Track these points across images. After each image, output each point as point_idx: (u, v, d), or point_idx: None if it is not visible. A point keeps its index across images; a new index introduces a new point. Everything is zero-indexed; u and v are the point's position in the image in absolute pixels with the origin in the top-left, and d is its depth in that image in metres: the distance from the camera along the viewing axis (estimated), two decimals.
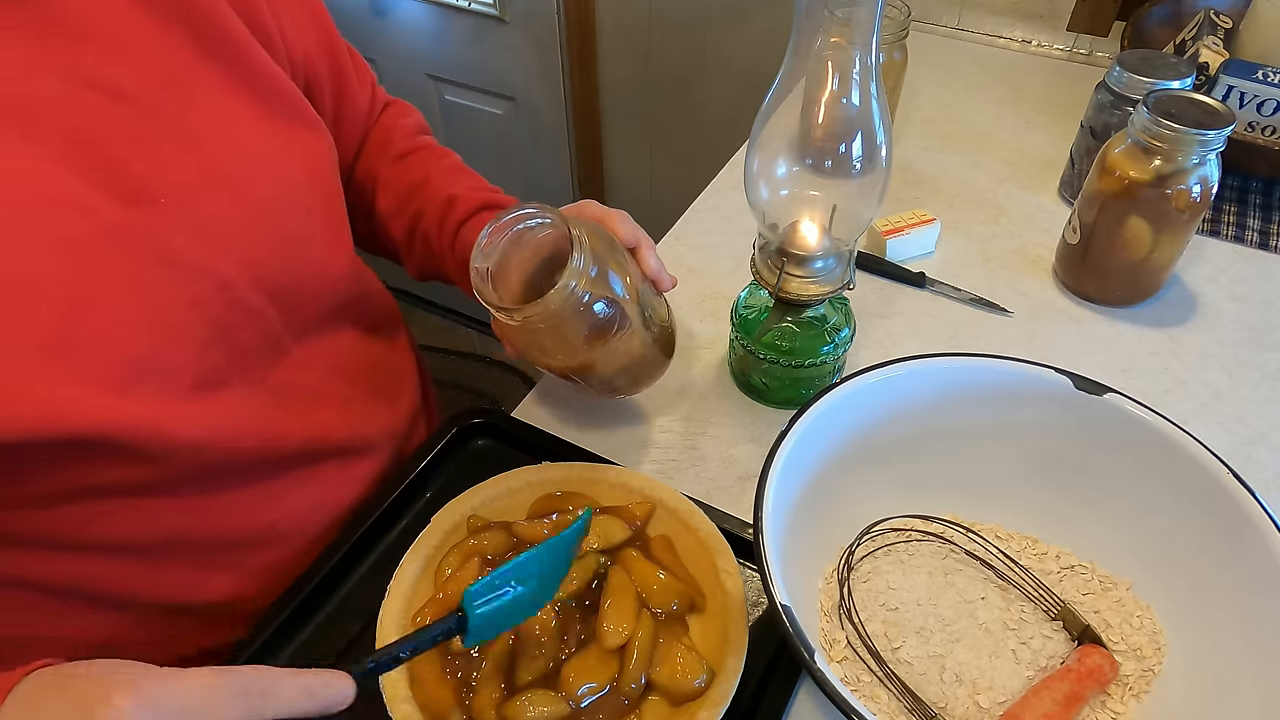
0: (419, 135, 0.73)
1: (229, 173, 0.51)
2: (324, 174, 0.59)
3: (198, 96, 0.50)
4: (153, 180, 0.47)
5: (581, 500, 0.58)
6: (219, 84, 0.51)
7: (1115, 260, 0.74)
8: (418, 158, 0.71)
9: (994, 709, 0.49)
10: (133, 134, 0.47)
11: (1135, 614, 0.53)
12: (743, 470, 0.65)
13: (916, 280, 0.80)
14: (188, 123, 0.49)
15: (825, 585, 0.55)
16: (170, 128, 0.48)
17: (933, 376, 0.54)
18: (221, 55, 0.51)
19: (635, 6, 1.43)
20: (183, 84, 0.49)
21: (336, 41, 0.64)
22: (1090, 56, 1.11)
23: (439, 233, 0.67)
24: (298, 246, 0.56)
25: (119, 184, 0.46)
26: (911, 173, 0.93)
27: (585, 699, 0.48)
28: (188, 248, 0.49)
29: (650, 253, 0.59)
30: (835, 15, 0.51)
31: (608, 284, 0.53)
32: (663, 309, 0.61)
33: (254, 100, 0.53)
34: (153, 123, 0.48)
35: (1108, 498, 0.54)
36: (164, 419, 0.48)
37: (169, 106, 0.48)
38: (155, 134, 0.48)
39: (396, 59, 1.71)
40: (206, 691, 0.34)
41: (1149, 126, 0.66)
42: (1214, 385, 0.71)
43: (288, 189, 0.55)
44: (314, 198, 0.58)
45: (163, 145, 0.48)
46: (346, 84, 0.66)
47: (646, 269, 0.58)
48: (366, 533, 0.59)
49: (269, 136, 0.54)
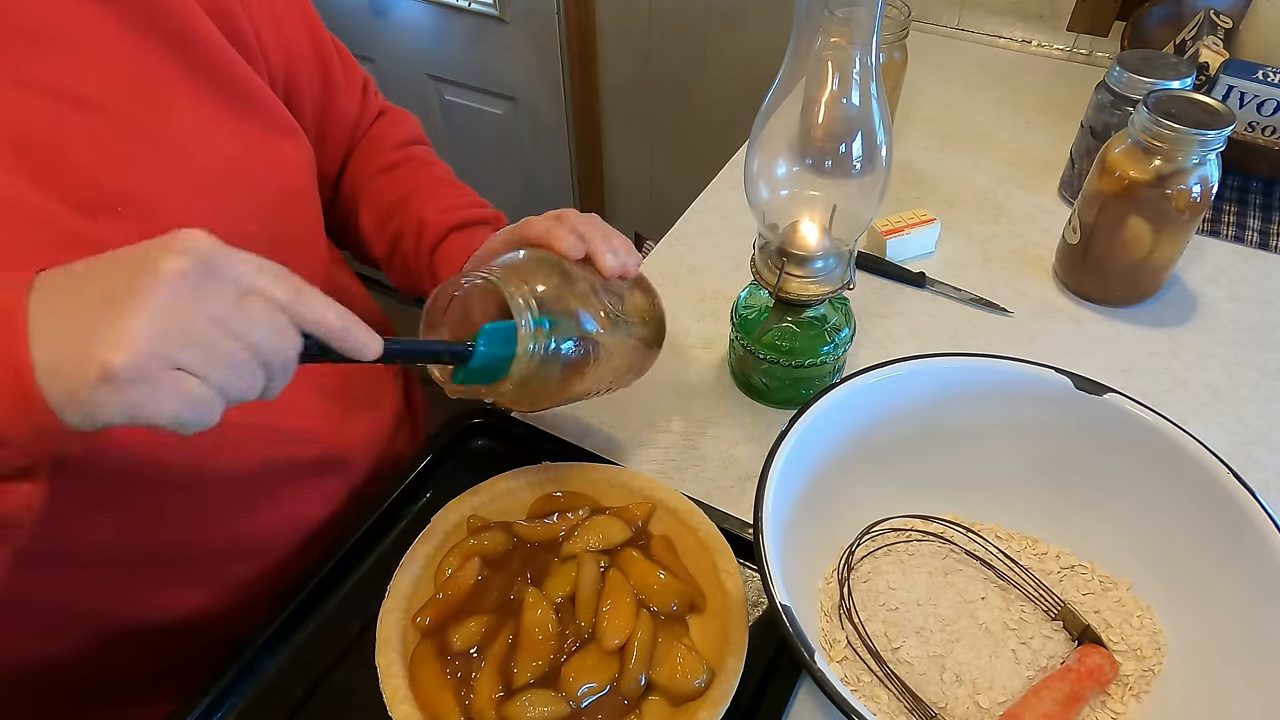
0: (408, 146, 0.70)
1: (196, 181, 0.50)
2: (297, 182, 0.58)
3: (167, 103, 0.49)
4: (114, 189, 0.46)
5: (581, 500, 0.58)
6: (190, 90, 0.50)
7: (1115, 260, 0.74)
8: (401, 172, 0.68)
9: (994, 709, 0.49)
10: (94, 141, 0.45)
11: (1135, 614, 0.53)
12: (743, 470, 0.65)
13: (916, 280, 0.80)
14: (155, 130, 0.48)
15: (825, 585, 0.55)
16: (136, 135, 0.47)
17: (933, 376, 0.54)
18: (193, 61, 0.50)
19: (635, 7, 1.43)
20: (152, 91, 0.48)
21: (323, 41, 0.63)
22: (1090, 56, 1.11)
23: (415, 255, 0.66)
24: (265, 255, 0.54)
25: (78, 193, 0.45)
26: (911, 173, 0.93)
27: (585, 699, 0.48)
28: None
29: (603, 250, 0.53)
30: (835, 15, 0.51)
31: (572, 323, 0.50)
32: (642, 300, 0.57)
33: (226, 107, 0.52)
34: (117, 130, 0.46)
35: (1108, 498, 0.54)
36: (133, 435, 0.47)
37: (136, 114, 0.47)
38: (119, 142, 0.46)
39: (396, 59, 1.71)
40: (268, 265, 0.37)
41: (1149, 126, 0.66)
42: (1214, 385, 0.71)
43: (256, 195, 0.54)
44: (284, 204, 0.56)
45: (127, 153, 0.47)
46: (333, 86, 0.64)
47: (605, 270, 0.53)
48: (366, 533, 0.59)
49: (240, 144, 0.53)
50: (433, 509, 0.57)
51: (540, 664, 0.49)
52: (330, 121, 0.66)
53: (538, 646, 0.50)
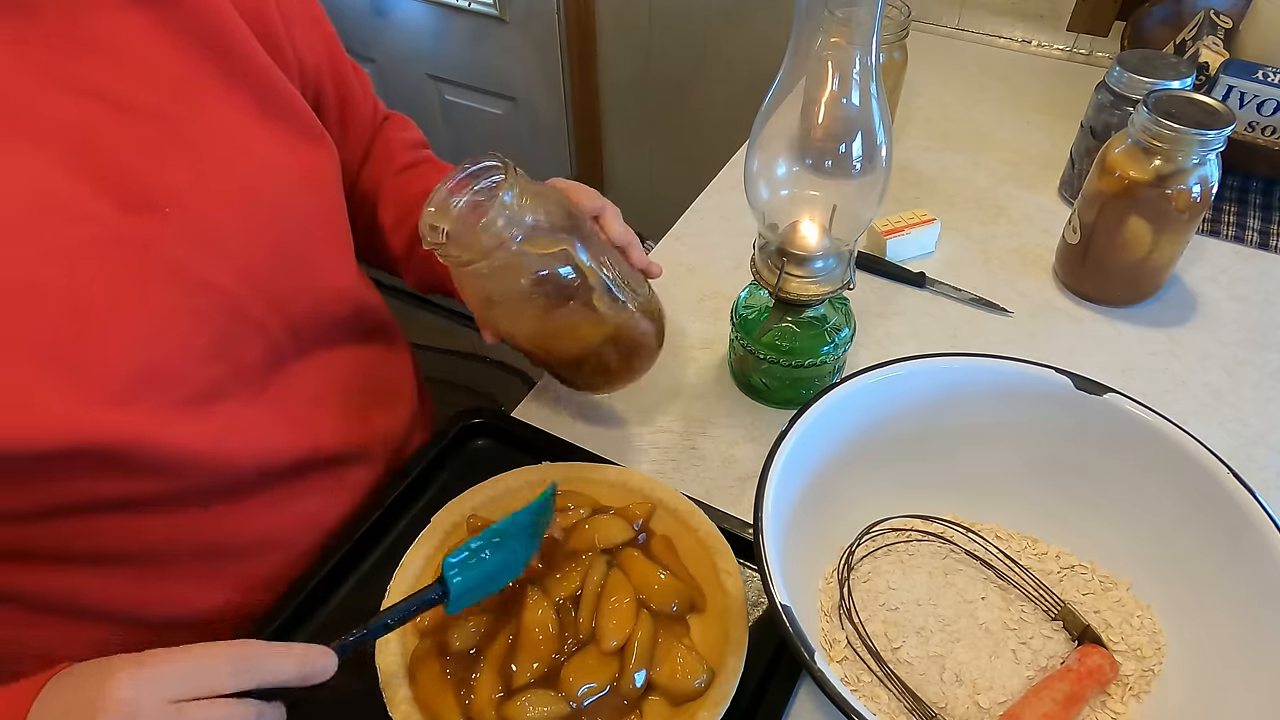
0: (420, 149, 0.73)
1: (234, 184, 0.51)
2: (328, 187, 0.59)
3: (205, 107, 0.50)
4: (158, 190, 0.47)
5: (582, 500, 0.58)
6: (227, 95, 0.51)
7: (1115, 260, 0.74)
8: (420, 170, 0.70)
9: (994, 709, 0.49)
10: (139, 143, 0.47)
11: (1135, 614, 0.53)
12: (743, 470, 0.65)
13: (916, 280, 0.80)
14: (194, 133, 0.49)
15: (825, 585, 0.55)
16: (177, 138, 0.48)
17: (933, 376, 0.54)
18: (231, 66, 0.51)
19: (635, 6, 1.43)
20: (191, 95, 0.49)
21: (340, 52, 0.64)
22: (1090, 56, 1.11)
23: None
24: (301, 259, 0.56)
25: (124, 192, 0.46)
26: (911, 173, 0.93)
27: (585, 699, 0.48)
28: (191, 258, 0.49)
29: (614, 219, 0.57)
30: (835, 15, 0.51)
31: (555, 241, 0.50)
32: (653, 301, 0.59)
33: (261, 112, 0.53)
34: (159, 133, 0.48)
35: (1108, 498, 0.54)
36: (163, 431, 0.48)
37: (176, 117, 0.48)
38: (162, 144, 0.48)
39: (396, 59, 1.71)
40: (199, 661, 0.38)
41: (1149, 126, 0.66)
42: (1214, 385, 0.71)
43: (292, 202, 0.55)
44: (318, 211, 0.58)
45: (169, 155, 0.48)
46: (351, 94, 0.66)
47: (612, 235, 0.56)
48: (366, 533, 0.59)
49: (275, 149, 0.54)
50: (433, 509, 0.57)
51: (540, 664, 0.49)
52: (350, 128, 0.67)
53: (538, 646, 0.50)
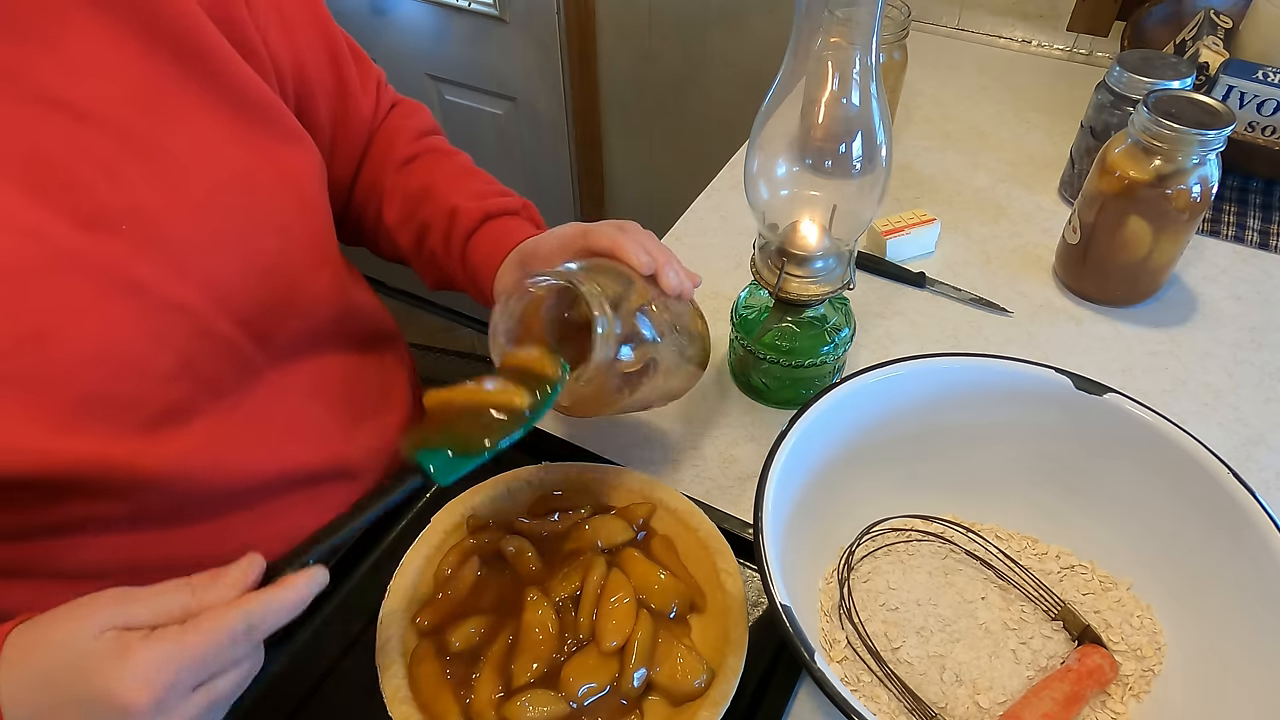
0: (426, 137, 0.69)
1: (199, 195, 0.49)
2: (305, 190, 0.57)
3: (171, 115, 0.48)
4: (115, 205, 0.45)
5: (582, 500, 0.58)
6: (195, 101, 0.49)
7: (1115, 260, 0.74)
8: (422, 163, 0.67)
9: (994, 709, 0.49)
10: (98, 156, 0.45)
11: (1135, 614, 0.53)
12: (743, 470, 0.65)
13: (916, 280, 0.80)
14: (158, 143, 0.47)
15: (825, 585, 0.55)
16: (138, 149, 0.46)
17: (933, 376, 0.54)
18: (199, 70, 0.49)
19: (635, 6, 1.43)
20: (155, 103, 0.47)
21: (337, 42, 0.62)
22: (1090, 56, 1.11)
23: (446, 247, 0.64)
24: (273, 269, 0.54)
25: (77, 208, 0.44)
26: (911, 173, 0.93)
27: (585, 699, 0.48)
28: (151, 276, 0.47)
29: (669, 271, 0.53)
30: (835, 15, 0.51)
31: (636, 332, 0.50)
32: (694, 321, 0.58)
33: (232, 116, 0.51)
34: (119, 144, 0.45)
35: (1108, 498, 0.54)
36: (121, 455, 0.47)
37: (138, 127, 0.46)
38: (121, 156, 0.46)
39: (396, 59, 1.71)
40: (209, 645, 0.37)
41: (1149, 126, 0.66)
42: (1214, 385, 0.71)
43: (263, 209, 0.53)
44: (292, 216, 0.55)
45: (129, 168, 0.46)
46: (348, 87, 0.63)
47: (667, 288, 0.53)
48: (366, 533, 0.59)
49: (246, 154, 0.52)
50: (433, 509, 0.57)
51: (540, 664, 0.49)
52: (346, 122, 0.65)
53: (537, 646, 0.50)
